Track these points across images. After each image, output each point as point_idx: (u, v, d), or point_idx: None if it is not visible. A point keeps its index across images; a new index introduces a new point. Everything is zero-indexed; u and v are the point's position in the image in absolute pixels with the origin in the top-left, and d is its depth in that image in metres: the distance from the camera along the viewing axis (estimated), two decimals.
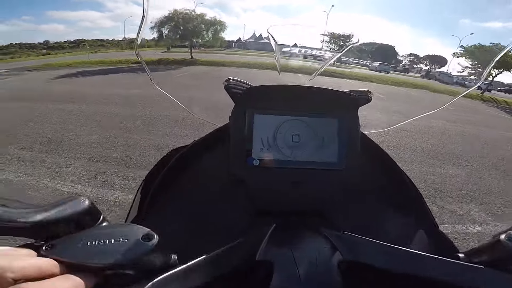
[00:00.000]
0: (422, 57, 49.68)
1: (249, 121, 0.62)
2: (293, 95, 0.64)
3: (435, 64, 13.92)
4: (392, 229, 0.66)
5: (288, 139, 0.63)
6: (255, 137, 0.62)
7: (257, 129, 0.62)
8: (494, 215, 2.85)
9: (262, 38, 8.31)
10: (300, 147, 0.63)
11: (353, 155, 0.65)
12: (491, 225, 2.66)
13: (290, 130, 0.63)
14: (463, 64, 10.21)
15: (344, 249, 0.46)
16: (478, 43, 8.79)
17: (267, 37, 0.84)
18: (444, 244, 0.61)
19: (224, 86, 0.63)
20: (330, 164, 0.64)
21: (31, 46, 36.86)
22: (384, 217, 0.68)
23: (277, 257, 0.45)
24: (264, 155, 0.62)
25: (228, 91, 0.63)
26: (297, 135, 0.63)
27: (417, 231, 0.66)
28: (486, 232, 2.52)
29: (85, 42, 45.95)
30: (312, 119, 0.64)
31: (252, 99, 0.62)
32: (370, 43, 10.22)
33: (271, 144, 0.63)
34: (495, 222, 2.72)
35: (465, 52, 8.75)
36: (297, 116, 0.64)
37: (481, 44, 7.01)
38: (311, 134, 0.64)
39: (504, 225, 2.44)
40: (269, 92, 0.63)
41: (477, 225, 2.63)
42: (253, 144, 0.62)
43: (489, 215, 2.83)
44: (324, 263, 0.46)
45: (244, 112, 0.62)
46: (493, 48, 7.08)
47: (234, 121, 0.62)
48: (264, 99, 0.63)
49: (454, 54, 6.69)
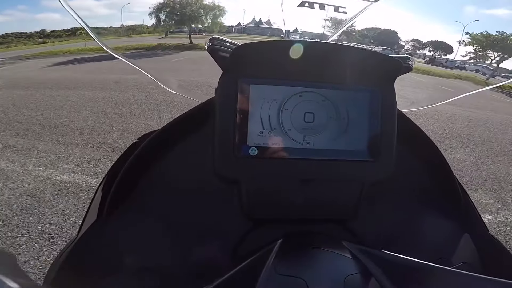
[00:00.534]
0: (425, 42, 49.66)
1: (243, 94, 0.44)
2: (305, 56, 0.44)
3: (440, 50, 13.73)
4: (433, 238, 0.51)
5: (299, 118, 0.46)
6: (251, 116, 0.45)
7: (254, 105, 0.45)
8: (505, 203, 2.75)
9: (262, 23, 8.13)
10: (315, 130, 0.46)
11: (389, 142, 0.48)
12: (502, 214, 2.56)
13: (301, 106, 0.46)
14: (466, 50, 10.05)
15: (383, 275, 0.32)
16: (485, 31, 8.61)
17: (267, 21, 0.68)
18: (498, 253, 0.48)
19: (208, 48, 0.45)
20: (357, 154, 0.47)
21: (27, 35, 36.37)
22: (424, 223, 0.53)
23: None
24: (264, 141, 0.45)
25: (214, 54, 0.45)
26: (311, 113, 0.46)
27: (464, 238, 0.51)
28: (497, 222, 2.42)
29: (82, 30, 45.26)
30: (332, 91, 0.47)
31: (246, 63, 0.44)
32: (373, 28, 9.95)
33: (274, 126, 0.45)
34: (506, 211, 2.62)
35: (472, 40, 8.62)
36: (311, 86, 0.46)
37: (488, 33, 6.84)
38: (331, 112, 0.47)
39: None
40: (270, 53, 0.45)
41: (487, 214, 2.53)
42: (248, 127, 0.44)
43: (500, 204, 2.73)
44: None
45: (236, 81, 0.44)
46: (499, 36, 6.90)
47: (221, 95, 0.44)
48: (264, 63, 0.45)
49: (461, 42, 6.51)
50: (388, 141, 0.48)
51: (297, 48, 0.43)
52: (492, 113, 7.02)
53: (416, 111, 5.44)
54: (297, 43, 0.43)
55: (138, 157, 0.46)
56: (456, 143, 4.29)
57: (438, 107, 6.07)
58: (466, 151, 4.03)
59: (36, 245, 1.79)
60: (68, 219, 2.03)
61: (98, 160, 2.94)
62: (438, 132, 4.65)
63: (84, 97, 5.33)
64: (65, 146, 3.23)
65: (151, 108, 4.71)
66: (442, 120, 5.40)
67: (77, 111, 4.52)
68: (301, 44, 0.43)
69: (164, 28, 7.44)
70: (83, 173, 2.67)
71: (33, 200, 2.23)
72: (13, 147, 3.17)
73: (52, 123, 3.97)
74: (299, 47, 0.43)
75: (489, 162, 3.76)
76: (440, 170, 0.55)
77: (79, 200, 2.25)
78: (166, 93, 5.14)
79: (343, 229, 0.50)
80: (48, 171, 2.70)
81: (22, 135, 3.53)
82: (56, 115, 4.31)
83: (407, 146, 0.55)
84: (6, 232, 1.88)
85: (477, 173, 3.36)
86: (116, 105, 4.80)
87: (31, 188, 2.39)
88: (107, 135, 3.57)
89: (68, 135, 3.55)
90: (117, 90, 5.85)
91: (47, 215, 2.06)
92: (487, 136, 4.86)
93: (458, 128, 5.06)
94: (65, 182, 2.49)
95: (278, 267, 0.33)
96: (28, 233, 1.89)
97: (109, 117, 4.22)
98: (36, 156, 3.00)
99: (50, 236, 1.86)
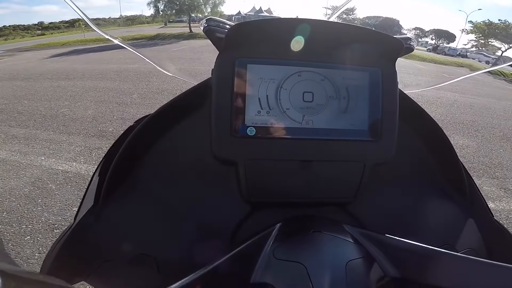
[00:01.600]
0: (428, 31, 48.40)
1: (240, 74, 0.44)
2: (303, 35, 0.44)
3: (442, 39, 13.41)
4: (437, 223, 0.50)
5: (297, 98, 0.45)
6: (249, 96, 0.44)
7: (251, 85, 0.44)
8: (508, 190, 2.73)
9: (262, 11, 7.88)
10: (315, 109, 0.45)
11: (390, 122, 0.46)
12: (505, 202, 2.54)
13: (300, 85, 0.45)
14: (468, 38, 9.94)
15: (385, 260, 0.31)
16: (487, 19, 8.42)
17: (267, 10, 0.65)
18: (503, 239, 0.47)
19: (204, 29, 0.44)
20: (358, 134, 0.46)
21: (25, 28, 36.18)
22: (428, 207, 0.52)
23: (283, 278, 0.29)
24: (262, 121, 0.44)
25: (210, 35, 0.44)
26: (310, 92, 0.45)
27: (469, 223, 0.50)
28: (499, 209, 2.41)
29: (80, 21, 45.02)
30: (332, 70, 0.46)
31: (243, 43, 0.44)
32: (374, 16, 9.57)
33: (272, 106, 0.44)
34: (508, 199, 2.60)
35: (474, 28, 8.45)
36: (309, 66, 0.45)
37: (490, 21, 6.70)
38: (331, 91, 0.46)
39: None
40: (267, 31, 0.44)
41: (490, 202, 2.51)
42: (246, 106, 0.44)
43: (502, 191, 2.72)
44: (356, 284, 0.29)
45: (233, 61, 0.43)
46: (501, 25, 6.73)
47: (218, 75, 0.44)
48: (261, 41, 0.44)
49: (463, 30, 6.40)
50: (390, 121, 0.47)
51: (297, 26, 0.42)
52: (494, 100, 6.96)
53: (418, 98, 5.40)
54: (295, 21, 0.42)
55: (133, 141, 0.45)
56: (458, 129, 4.27)
57: (440, 94, 6.03)
58: (469, 137, 4.01)
59: (40, 236, 1.79)
60: (71, 209, 2.04)
61: (100, 148, 2.93)
62: (440, 119, 4.62)
63: (85, 87, 5.30)
64: (67, 136, 3.23)
65: (152, 96, 4.68)
66: (445, 107, 5.36)
67: (77, 101, 4.51)
68: (299, 23, 0.42)
69: (163, 18, 7.43)
70: (85, 162, 2.68)
71: (36, 190, 2.24)
72: (15, 137, 3.17)
73: (53, 113, 3.95)
74: (300, 27, 0.42)
75: (492, 148, 3.74)
76: (444, 153, 0.53)
77: (81, 190, 2.25)
78: (167, 82, 5.12)
79: (344, 213, 0.50)
80: (50, 160, 2.70)
81: (23, 125, 3.53)
82: (56, 105, 4.29)
83: (410, 127, 0.54)
84: (10, 223, 1.88)
85: (480, 159, 3.35)
86: (116, 94, 4.78)
87: (34, 178, 2.39)
88: (108, 124, 3.56)
89: (69, 124, 3.54)
90: (118, 79, 5.82)
91: (51, 205, 2.07)
92: (490, 123, 4.82)
93: (461, 115, 5.02)
94: (67, 172, 2.49)
95: (276, 251, 0.32)
96: (32, 224, 1.89)
97: (110, 106, 4.21)
98: (38, 146, 2.99)
99: (54, 227, 1.87)
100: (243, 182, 0.45)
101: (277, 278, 0.29)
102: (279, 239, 0.34)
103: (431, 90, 5.95)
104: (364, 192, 0.47)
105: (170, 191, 0.47)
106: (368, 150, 0.46)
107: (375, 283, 0.30)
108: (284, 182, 0.46)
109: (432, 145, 0.55)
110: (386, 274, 0.30)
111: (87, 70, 6.96)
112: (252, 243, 0.35)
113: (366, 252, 0.33)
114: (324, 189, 0.47)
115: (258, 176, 0.45)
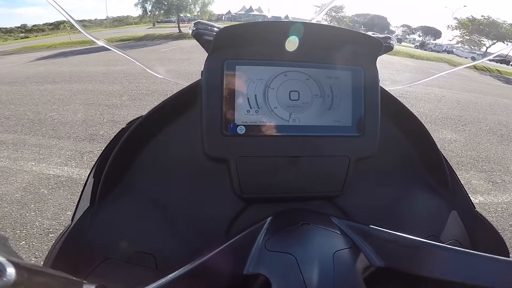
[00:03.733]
0: (415, 27, 49.32)
1: (229, 75, 0.46)
2: (288, 36, 0.46)
3: (429, 35, 13.64)
4: (422, 215, 0.52)
5: (284, 96, 0.47)
6: (238, 95, 0.46)
7: (240, 85, 0.46)
8: (495, 184, 2.80)
9: (253, 10, 7.84)
10: (301, 107, 0.48)
11: (373, 117, 0.49)
12: (493, 195, 2.61)
13: (286, 84, 0.47)
14: (453, 34, 10.09)
15: (371, 250, 0.33)
16: (471, 15, 8.59)
17: (257, 9, 0.66)
18: (485, 230, 0.50)
19: (192, 32, 0.47)
20: (342, 130, 0.49)
21: (7, 31, 35.23)
22: (412, 200, 0.54)
23: (275, 268, 0.31)
24: (252, 119, 0.46)
25: (198, 38, 0.46)
26: (296, 91, 0.48)
27: (452, 215, 0.52)
28: (488, 203, 2.47)
29: (65, 23, 43.99)
30: (316, 70, 0.48)
31: (231, 45, 0.46)
32: (362, 14, 9.66)
33: (261, 105, 0.47)
34: (496, 192, 2.67)
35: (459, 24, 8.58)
36: (295, 66, 0.48)
37: (473, 17, 6.85)
38: (315, 90, 0.48)
39: (506, 195, 2.38)
40: (254, 34, 0.46)
41: (478, 195, 2.58)
42: (235, 106, 0.46)
43: (490, 184, 2.78)
44: (343, 274, 0.30)
45: (222, 63, 0.45)
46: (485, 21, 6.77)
47: (208, 76, 0.45)
48: (248, 43, 0.46)
49: (448, 27, 6.52)
50: (373, 117, 0.49)
51: (282, 28, 0.45)
52: (481, 95, 7.13)
53: (406, 95, 5.50)
54: (280, 24, 0.45)
55: (126, 142, 0.47)
56: (446, 124, 4.37)
57: (428, 90, 6.15)
58: (457, 132, 4.11)
59: (35, 240, 1.77)
60: (65, 213, 2.01)
61: (91, 152, 2.90)
62: (428, 114, 4.72)
63: (73, 90, 5.21)
64: (56, 140, 3.17)
65: (142, 98, 4.65)
66: (432, 102, 5.47)
67: (66, 104, 4.43)
68: (284, 25, 0.44)
69: (151, 19, 7.35)
70: (76, 166, 2.64)
71: (28, 195, 2.20)
72: (3, 143, 3.10)
73: (41, 117, 3.88)
74: (284, 29, 0.45)
75: (479, 141, 3.85)
76: (426, 147, 0.56)
77: (74, 193, 2.22)
78: (157, 83, 5.08)
79: (332, 206, 0.52)
80: (41, 165, 2.65)
81: (11, 130, 3.45)
82: (44, 109, 4.21)
83: (393, 123, 0.57)
84: (4, 229, 1.85)
85: (468, 153, 3.44)
86: (106, 97, 4.72)
87: (25, 184, 2.34)
88: (99, 127, 3.51)
89: (59, 128, 3.48)
90: (106, 81, 5.74)
91: (44, 210, 2.04)
92: (477, 117, 4.95)
93: (448, 110, 5.14)
94: (59, 176, 2.45)
95: (268, 243, 0.34)
96: (27, 229, 1.86)
97: (99, 109, 4.15)
98: (28, 151, 2.93)
99: (48, 231, 1.85)
100: (235, 179, 0.47)
101: (269, 268, 0.31)
102: (270, 232, 0.36)
103: (418, 86, 6.04)
104: (350, 185, 0.50)
105: (164, 189, 0.49)
106: (352, 145, 0.49)
107: (362, 272, 0.31)
108: (274, 178, 0.48)
109: (414, 140, 0.57)
110: (372, 264, 0.32)
111: (75, 72, 6.83)
112: (244, 236, 0.36)
113: (352, 243, 0.34)
114: (312, 184, 0.49)
115: (249, 172, 0.47)
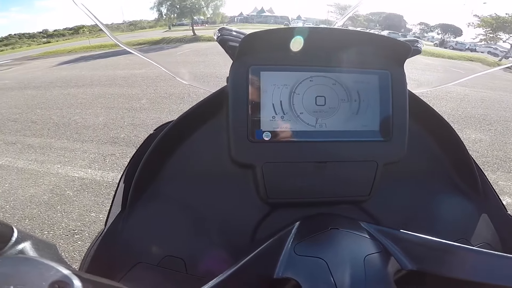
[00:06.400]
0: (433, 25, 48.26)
1: (254, 81, 0.46)
2: (313, 42, 0.46)
3: (449, 33, 13.15)
4: (451, 218, 0.51)
5: (310, 102, 0.47)
6: (263, 102, 0.46)
7: (265, 91, 0.46)
8: None
9: (264, 11, 7.78)
10: (327, 112, 0.48)
11: (401, 122, 0.49)
12: None
13: (312, 90, 0.47)
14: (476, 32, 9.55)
15: (401, 254, 0.32)
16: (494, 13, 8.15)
17: (269, 9, 0.65)
18: None
19: (217, 38, 0.47)
20: (370, 135, 0.48)
21: (30, 36, 36.70)
22: (441, 203, 0.53)
23: (305, 273, 0.30)
24: (277, 125, 0.46)
25: (223, 44, 0.47)
26: (322, 96, 0.47)
27: (483, 218, 0.51)
28: None
29: (84, 27, 45.40)
30: (342, 74, 0.48)
31: (255, 52, 0.46)
32: (378, 13, 9.52)
33: (286, 111, 0.47)
34: None
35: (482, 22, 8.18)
36: (321, 71, 0.47)
37: (497, 15, 6.48)
38: (342, 95, 0.48)
39: None
40: (279, 39, 0.46)
41: (506, 196, 2.46)
42: (261, 112, 0.46)
43: None
44: (374, 277, 0.30)
45: (247, 69, 0.46)
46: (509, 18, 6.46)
47: (233, 83, 0.46)
48: (273, 49, 0.46)
49: (469, 24, 6.19)
50: (400, 121, 0.49)
51: (307, 34, 0.45)
52: (506, 93, 6.82)
53: (427, 93, 5.33)
54: (305, 29, 0.44)
55: (156, 148, 0.48)
56: (470, 124, 4.20)
57: (450, 88, 5.94)
58: (481, 131, 3.95)
59: (62, 241, 1.84)
60: (89, 215, 2.08)
61: (113, 155, 2.98)
62: (451, 113, 4.56)
63: (94, 93, 5.38)
64: (80, 143, 3.29)
65: (160, 101, 4.73)
66: (455, 101, 5.29)
67: (88, 108, 4.58)
68: (309, 31, 0.44)
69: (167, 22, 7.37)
70: (99, 169, 2.72)
71: (54, 197, 2.29)
72: (31, 147, 3.24)
73: (66, 121, 4.03)
74: (309, 34, 0.45)
75: (506, 141, 3.67)
76: (455, 150, 0.55)
77: (98, 195, 2.30)
78: (175, 86, 5.15)
79: (360, 210, 0.51)
80: (66, 168, 2.76)
81: (38, 134, 3.60)
82: (68, 113, 4.37)
83: (420, 126, 0.56)
84: (33, 230, 1.93)
85: (494, 153, 3.30)
86: (126, 100, 4.84)
87: (52, 186, 2.45)
88: (120, 130, 3.61)
89: (82, 132, 3.61)
90: (126, 85, 5.89)
91: (69, 211, 2.12)
92: (503, 116, 4.74)
93: (472, 109, 4.95)
94: (83, 178, 2.54)
95: (297, 248, 0.34)
96: (54, 230, 1.94)
97: (120, 112, 4.27)
98: (53, 154, 3.06)
99: (74, 232, 1.92)
100: (260, 184, 0.47)
101: (299, 273, 0.30)
102: (299, 237, 0.36)
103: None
104: (378, 190, 0.49)
105: (191, 195, 0.50)
106: (380, 150, 0.49)
107: (393, 275, 0.31)
108: (300, 183, 0.48)
109: (443, 143, 0.56)
110: (403, 267, 0.32)
111: (95, 76, 7.05)
112: (273, 241, 0.36)
113: (382, 247, 0.34)
114: (339, 188, 0.49)
115: (275, 178, 0.47)
